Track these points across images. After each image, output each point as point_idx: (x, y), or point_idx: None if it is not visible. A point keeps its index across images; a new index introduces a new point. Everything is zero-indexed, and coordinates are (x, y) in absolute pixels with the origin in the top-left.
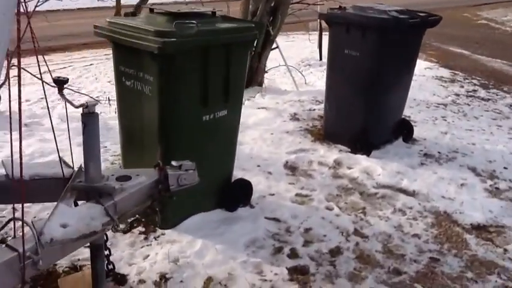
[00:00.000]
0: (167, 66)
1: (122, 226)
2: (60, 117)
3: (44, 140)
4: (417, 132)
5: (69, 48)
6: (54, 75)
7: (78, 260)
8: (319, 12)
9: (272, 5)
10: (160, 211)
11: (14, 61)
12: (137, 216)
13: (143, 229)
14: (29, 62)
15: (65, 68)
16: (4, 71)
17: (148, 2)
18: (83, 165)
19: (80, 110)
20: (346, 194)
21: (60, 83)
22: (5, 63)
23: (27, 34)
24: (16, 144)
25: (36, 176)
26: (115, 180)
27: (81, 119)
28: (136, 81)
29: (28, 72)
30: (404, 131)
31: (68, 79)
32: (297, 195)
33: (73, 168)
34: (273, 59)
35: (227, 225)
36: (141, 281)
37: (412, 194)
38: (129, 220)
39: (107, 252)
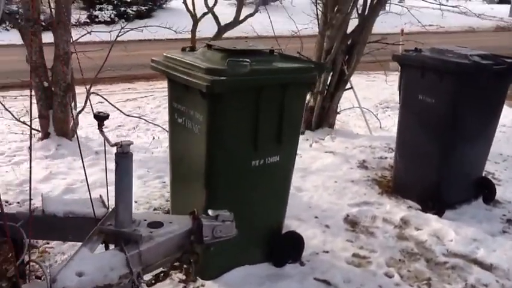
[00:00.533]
0: (216, 105)
1: (147, 278)
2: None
3: (111, 171)
4: (501, 193)
5: (154, 78)
6: (135, 103)
7: None
8: (394, 53)
9: (349, 43)
10: (195, 262)
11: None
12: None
13: (183, 277)
14: (113, 89)
15: (146, 96)
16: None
17: (228, 35)
18: None
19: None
20: (410, 259)
21: (100, 119)
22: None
23: (107, 62)
24: (84, 172)
25: (70, 214)
26: (145, 227)
27: (115, 158)
28: (187, 119)
29: (106, 100)
30: (485, 190)
31: (108, 115)
32: (354, 255)
33: (108, 208)
34: (348, 99)
35: (272, 283)
36: None
37: (489, 267)
38: (158, 272)
39: None
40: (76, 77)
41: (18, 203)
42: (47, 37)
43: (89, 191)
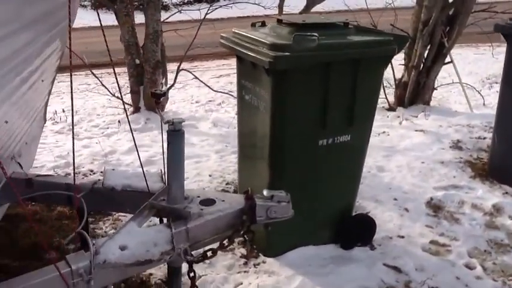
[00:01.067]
0: (280, 82)
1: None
2: (213, 121)
3: (192, 145)
4: None
5: None
6: (228, 79)
7: None
8: (496, 23)
9: (450, 13)
10: (250, 240)
11: (183, 65)
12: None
13: (246, 253)
14: (208, 65)
15: None
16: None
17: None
18: None
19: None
20: (498, 251)
21: (157, 96)
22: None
23: (198, 40)
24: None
25: (128, 187)
26: (197, 204)
27: (167, 136)
28: (253, 96)
29: (195, 76)
30: None
31: (164, 93)
32: (432, 242)
33: (165, 184)
34: (449, 74)
35: (336, 265)
36: None
37: None
38: (206, 249)
39: (192, 275)
40: (169, 54)
41: (101, 172)
42: (142, 18)
43: (142, 166)
